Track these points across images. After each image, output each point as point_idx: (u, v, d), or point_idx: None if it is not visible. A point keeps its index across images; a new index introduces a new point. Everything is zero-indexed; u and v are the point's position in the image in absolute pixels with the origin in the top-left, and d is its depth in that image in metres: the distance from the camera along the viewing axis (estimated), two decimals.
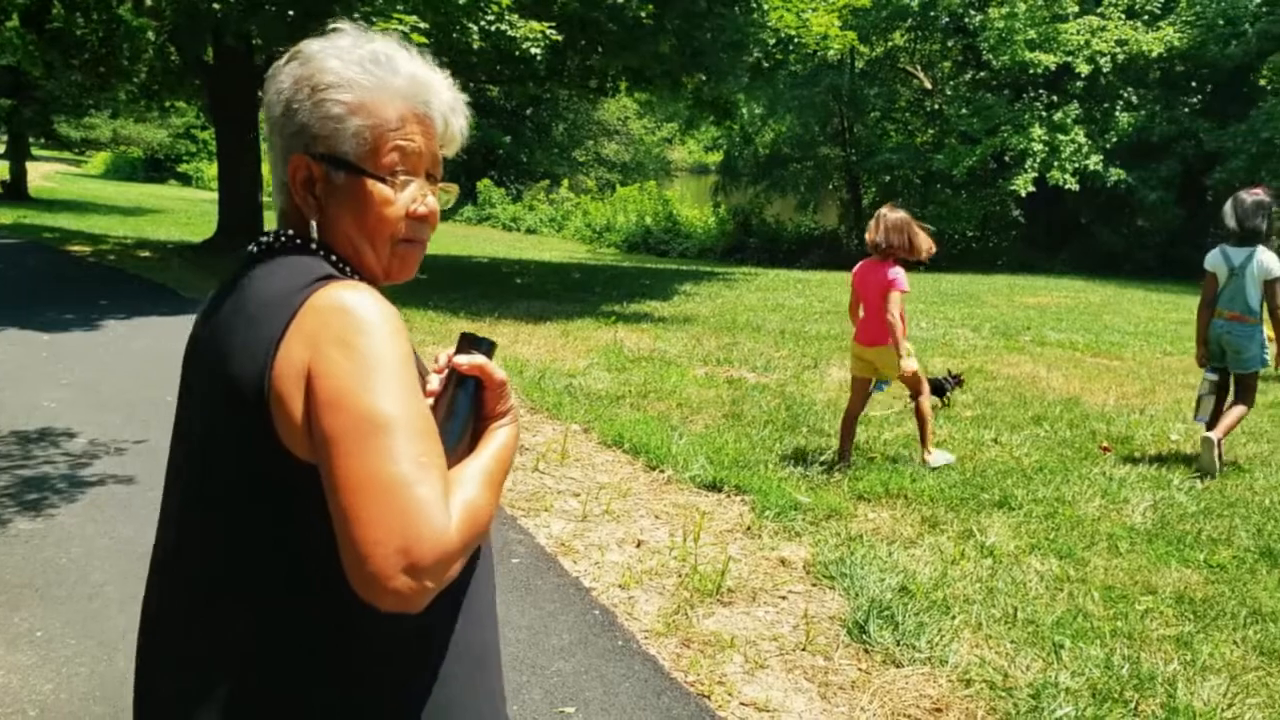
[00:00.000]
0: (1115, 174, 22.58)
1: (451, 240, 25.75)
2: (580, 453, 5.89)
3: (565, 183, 36.51)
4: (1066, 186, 22.37)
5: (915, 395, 5.80)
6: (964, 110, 24.91)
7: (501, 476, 1.30)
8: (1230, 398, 5.99)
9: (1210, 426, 5.91)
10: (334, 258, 1.31)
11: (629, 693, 3.28)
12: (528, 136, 38.61)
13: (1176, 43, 22.73)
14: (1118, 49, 22.54)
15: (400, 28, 9.35)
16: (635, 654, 3.54)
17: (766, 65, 13.85)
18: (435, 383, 1.36)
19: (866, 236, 5.59)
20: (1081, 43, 22.40)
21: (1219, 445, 5.77)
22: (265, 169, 15.98)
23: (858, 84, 27.40)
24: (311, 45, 1.31)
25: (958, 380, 7.54)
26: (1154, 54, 22.59)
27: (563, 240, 31.16)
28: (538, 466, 5.57)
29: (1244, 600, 4.05)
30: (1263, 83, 22.93)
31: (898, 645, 3.54)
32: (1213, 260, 5.88)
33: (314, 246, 1.31)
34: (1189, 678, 3.37)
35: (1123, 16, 23.31)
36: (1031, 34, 22.31)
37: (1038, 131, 22.40)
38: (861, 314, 5.79)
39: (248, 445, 1.21)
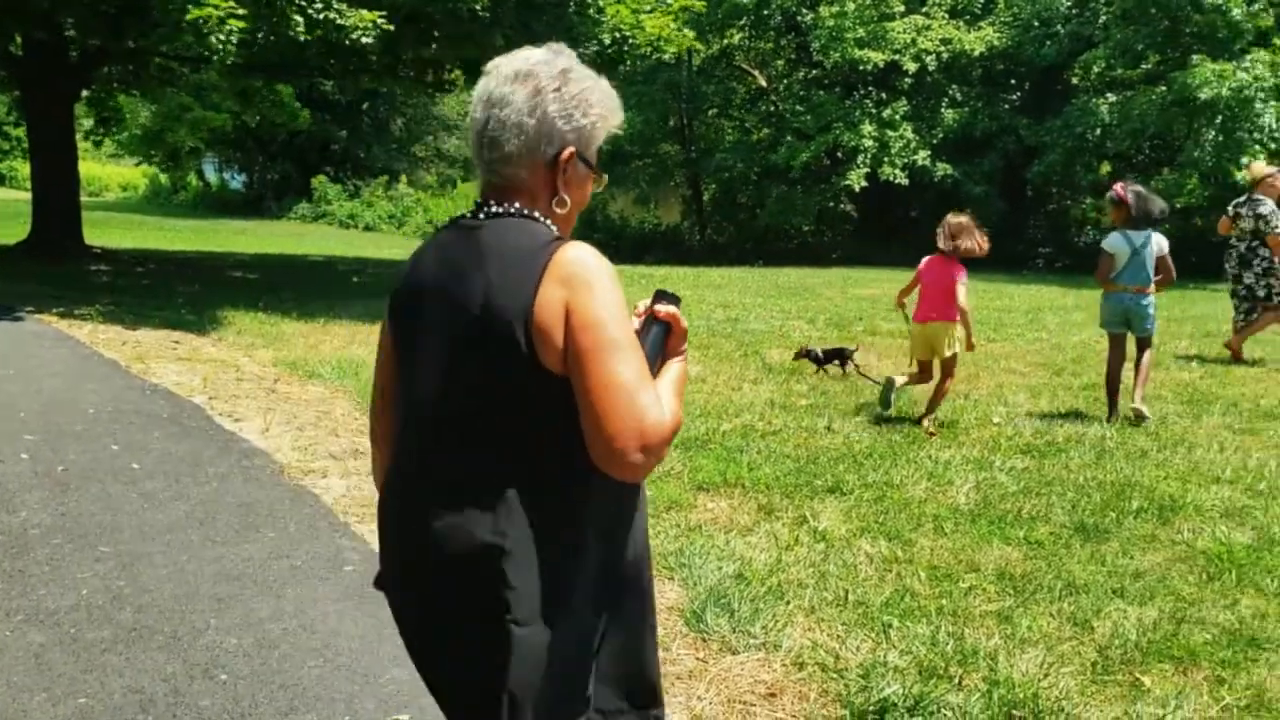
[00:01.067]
0: (942, 168, 23.51)
1: (285, 239, 25.02)
2: None
3: (404, 178, 35.84)
4: (896, 181, 23.16)
5: (946, 376, 6.86)
6: (798, 107, 25.54)
7: (682, 393, 1.78)
8: (1139, 358, 7.05)
9: (1114, 394, 7.09)
10: (548, 222, 1.78)
11: None
12: (365, 131, 37.78)
13: (996, 42, 23.82)
14: (942, 48, 23.47)
15: (217, 13, 8.99)
16: None
17: (600, 62, 13.86)
18: (636, 323, 1.78)
19: (940, 243, 6.63)
20: (908, 41, 23.23)
21: (1143, 405, 6.92)
22: (86, 167, 15.19)
23: (695, 81, 27.77)
24: (562, 62, 1.80)
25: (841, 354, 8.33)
26: (976, 53, 23.61)
27: (403, 237, 30.61)
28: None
29: (1059, 574, 4.25)
30: (1075, 80, 24.23)
31: (734, 633, 3.59)
32: (1115, 243, 6.92)
33: (536, 215, 1.77)
34: (1009, 650, 3.51)
35: (946, 16, 24.29)
36: (861, 32, 23.02)
37: (868, 128, 23.13)
38: (918, 300, 6.88)
39: (519, 357, 1.63)
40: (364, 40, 10.25)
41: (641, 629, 1.89)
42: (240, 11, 9.33)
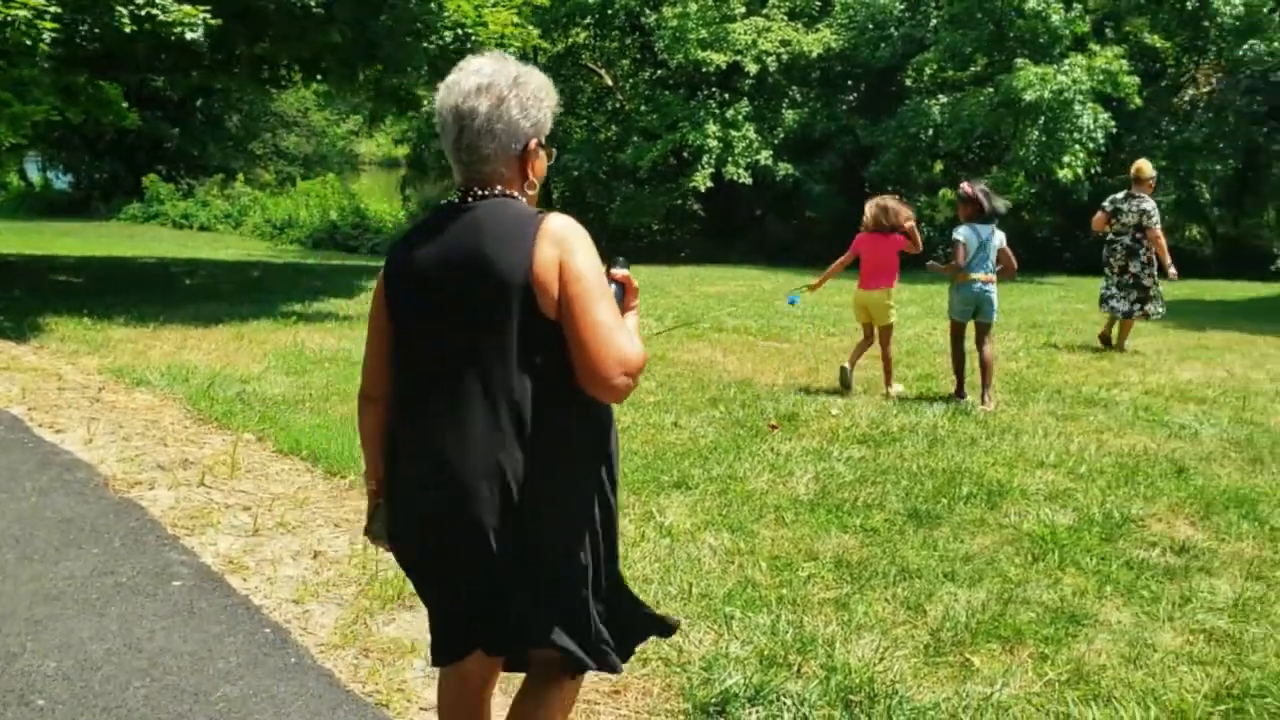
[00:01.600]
0: (784, 168, 24.00)
1: (114, 240, 23.88)
2: (253, 463, 5.58)
3: (241, 177, 34.63)
4: (741, 181, 23.55)
5: (886, 343, 7.94)
6: (644, 107, 25.71)
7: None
8: (981, 349, 7.53)
9: (961, 371, 7.71)
10: (523, 200, 2.19)
11: (301, 710, 3.13)
12: (199, 129, 36.32)
13: (833, 44, 24.43)
14: (782, 49, 23.95)
15: (23, 12, 8.49)
16: (310, 670, 3.38)
17: (442, 61, 13.63)
18: None
19: (883, 221, 7.74)
20: (749, 42, 23.62)
21: (993, 393, 7.52)
22: None
23: None
24: (511, 69, 2.19)
25: None
26: (814, 54, 24.17)
27: (240, 238, 29.56)
28: (204, 481, 5.22)
29: (894, 559, 4.38)
30: (908, 82, 25.07)
31: None
32: (965, 235, 7.47)
33: (515, 195, 2.19)
34: (846, 637, 3.60)
35: (785, 18, 24.81)
36: (703, 33, 23.29)
37: (713, 128, 23.43)
38: (860, 273, 7.97)
39: (523, 308, 2.03)
40: (190, 35, 9.83)
41: (614, 536, 2.31)
42: (52, 10, 8.83)
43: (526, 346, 2.06)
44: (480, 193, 2.16)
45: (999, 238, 7.51)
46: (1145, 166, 10.46)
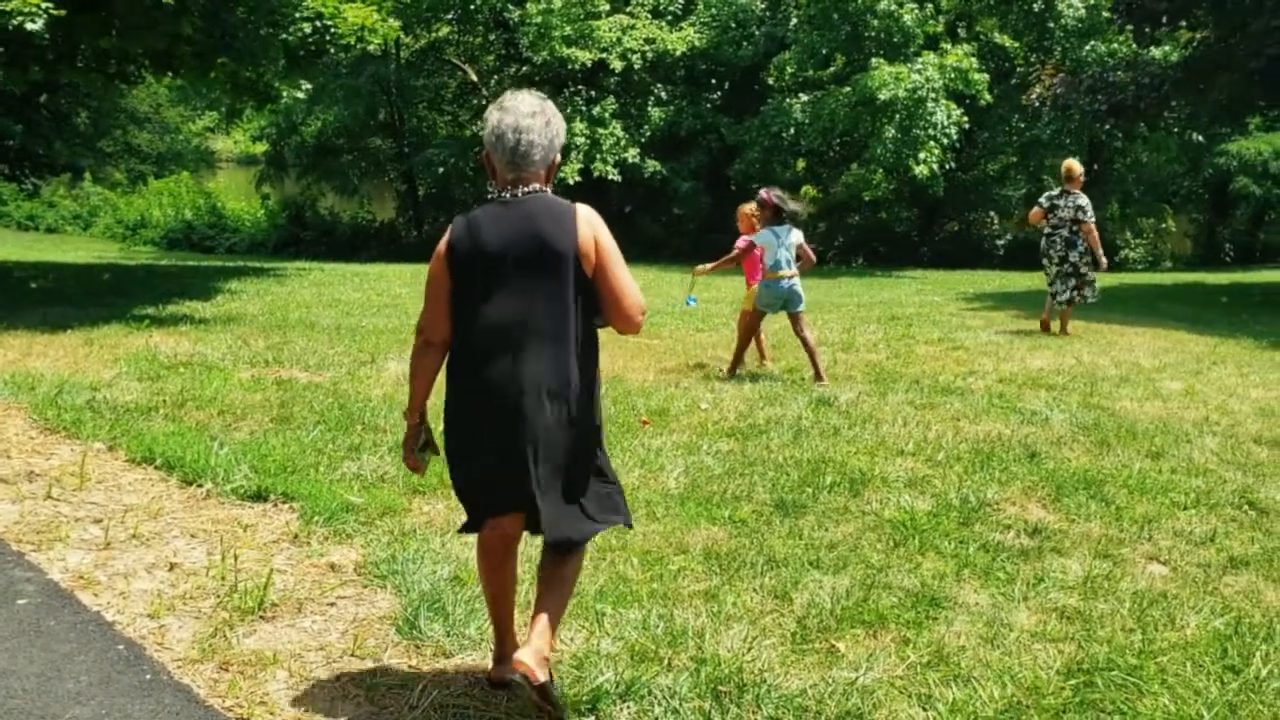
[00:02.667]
0: (651, 165, 24.18)
1: None
2: (104, 474, 5.34)
3: (89, 176, 33.17)
4: (609, 178, 23.62)
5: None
6: None
7: None
8: (802, 333, 8.34)
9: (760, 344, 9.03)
10: (550, 193, 3.07)
11: None
12: (44, 126, 34.57)
13: (697, 43, 24.70)
14: (646, 47, 24.10)
15: None
16: (166, 686, 3.26)
17: (302, 53, 13.27)
18: None
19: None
20: (614, 40, 23.71)
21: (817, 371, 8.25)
22: None
23: (404, 75, 27.22)
24: (550, 105, 3.07)
25: None
26: (678, 52, 24.39)
27: (90, 239, 28.39)
28: (50, 494, 4.98)
29: (761, 550, 4.46)
30: (770, 81, 25.49)
31: (448, 636, 3.54)
32: (765, 238, 8.20)
33: (548, 192, 3.06)
34: (715, 628, 3.65)
35: (649, 16, 24.96)
36: (568, 30, 23.28)
37: (580, 125, 23.44)
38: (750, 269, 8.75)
39: (573, 272, 2.95)
40: (30, 26, 9.35)
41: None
42: None
43: (574, 294, 2.99)
44: (525, 189, 3.03)
45: (795, 236, 8.23)
46: (1075, 166, 11.33)
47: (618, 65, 23.59)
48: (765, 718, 3.10)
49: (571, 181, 23.40)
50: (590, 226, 3.00)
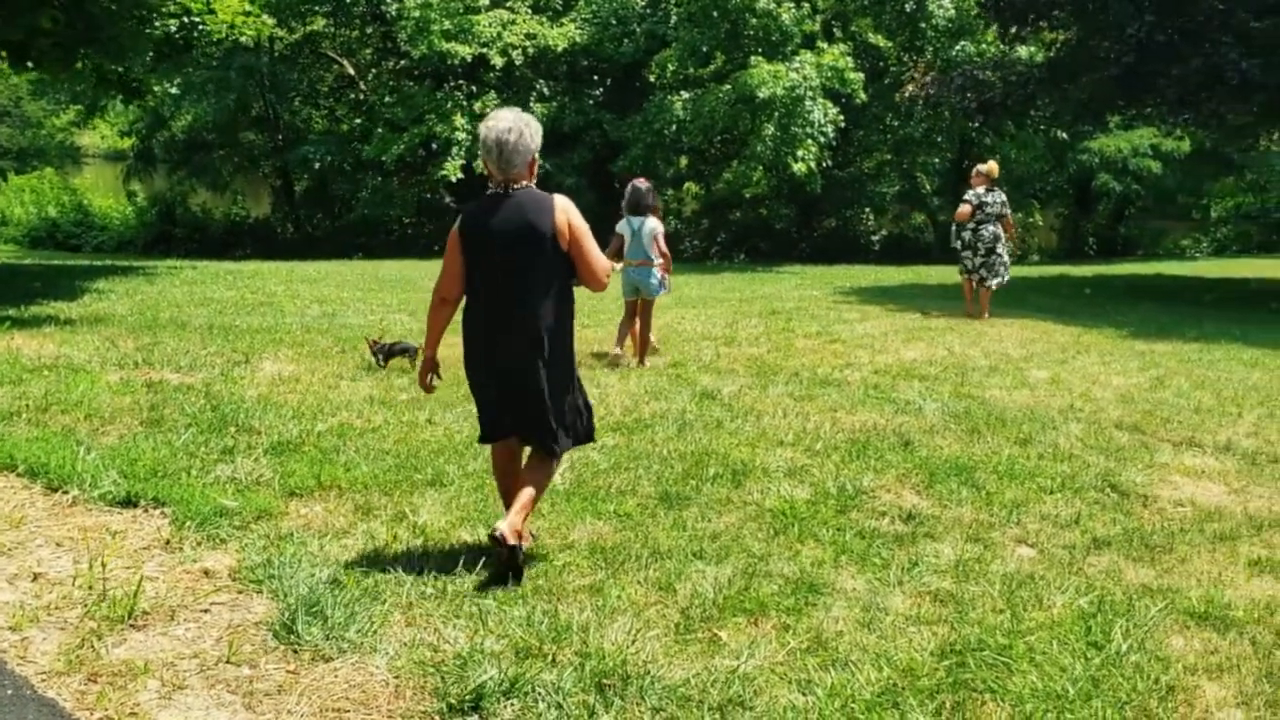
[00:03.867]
0: None
1: None
2: None
3: None
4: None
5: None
6: (389, 98, 25.16)
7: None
8: (639, 320, 8.93)
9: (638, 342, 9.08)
10: (533, 186, 4.15)
11: None
12: None
13: (579, 39, 24.65)
14: (528, 42, 23.96)
15: None
16: (30, 701, 3.13)
17: (168, 49, 12.87)
18: None
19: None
20: (494, 35, 23.52)
21: (642, 348, 8.89)
22: None
23: (278, 68, 26.55)
24: (524, 116, 4.13)
25: (406, 351, 8.38)
26: (560, 48, 24.31)
27: None
28: None
29: (646, 542, 4.49)
30: (652, 78, 25.62)
31: (327, 640, 3.47)
32: (621, 227, 8.75)
33: (532, 187, 4.14)
34: (600, 622, 3.66)
35: (530, 11, 24.83)
36: (447, 24, 23.01)
37: (460, 120, 23.20)
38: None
39: (551, 248, 4.03)
40: None
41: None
42: None
43: (554, 264, 4.08)
44: (516, 186, 4.10)
45: (649, 227, 8.66)
46: (995, 166, 12.78)
47: (499, 61, 23.41)
48: (649, 709, 3.12)
49: (454, 179, 23.15)
50: (565, 213, 4.08)
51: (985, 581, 4.22)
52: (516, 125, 4.02)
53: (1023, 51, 21.56)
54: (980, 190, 12.47)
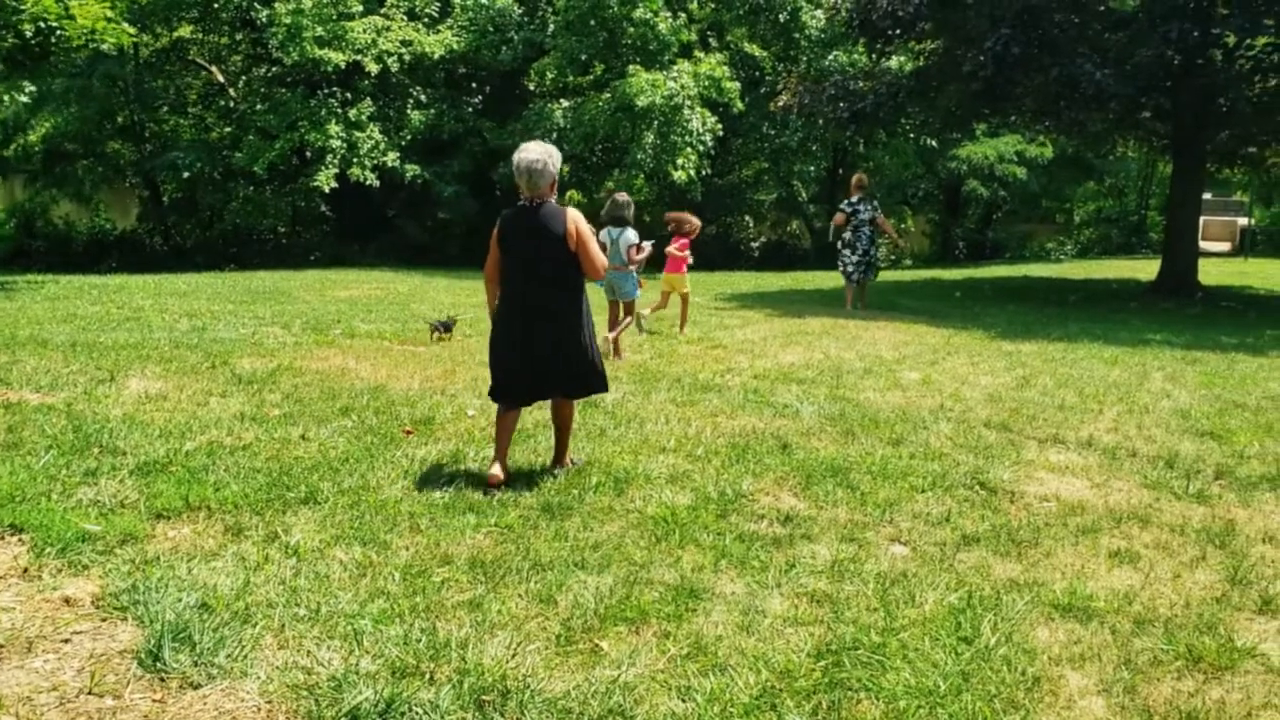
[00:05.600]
0: (411, 169, 23.76)
1: None
2: None
3: None
4: (368, 182, 23.06)
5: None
6: (260, 106, 24.57)
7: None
8: (621, 316, 10.04)
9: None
10: (554, 202, 5.54)
11: None
12: None
13: (456, 46, 24.44)
14: (403, 49, 23.66)
15: None
16: None
17: (22, 57, 12.32)
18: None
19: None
20: (369, 41, 23.17)
21: (615, 341, 9.67)
22: None
23: (143, 76, 25.67)
24: (549, 147, 5.57)
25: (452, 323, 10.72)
26: (436, 55, 24.07)
27: None
28: None
29: (527, 555, 4.46)
30: (531, 85, 25.56)
31: (195, 666, 3.36)
32: (603, 236, 9.47)
33: (552, 201, 5.53)
34: (479, 637, 3.62)
35: (405, 18, 24.52)
36: (319, 31, 22.58)
37: (335, 128, 22.79)
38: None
39: (563, 247, 5.44)
40: None
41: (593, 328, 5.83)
42: None
43: (566, 259, 5.42)
44: (539, 201, 5.43)
45: (626, 236, 9.59)
46: (865, 177, 14.71)
47: (373, 67, 23.06)
48: None
49: (326, 188, 22.69)
50: (574, 223, 5.43)
51: (860, 581, 4.31)
52: (542, 157, 5.39)
53: (893, 62, 22.15)
54: (855, 199, 14.18)
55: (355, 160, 22.76)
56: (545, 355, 5.53)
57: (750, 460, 6.03)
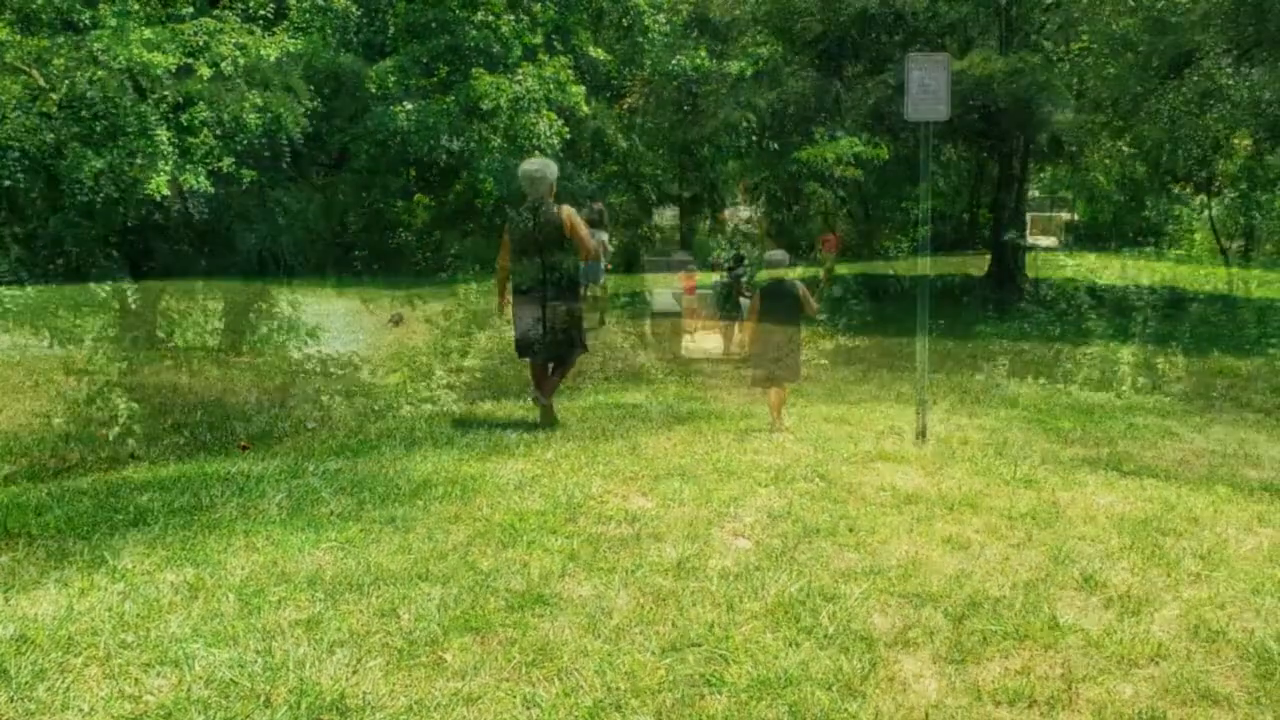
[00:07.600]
0: (249, 174, 22.98)
1: None
2: None
3: None
4: (202, 188, 22.22)
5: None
6: (85, 112, 23.42)
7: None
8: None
9: None
10: (552, 201, 7.48)
11: None
12: None
13: (292, 48, 23.75)
14: (237, 52, 22.87)
15: None
16: None
17: None
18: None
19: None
20: (201, 44, 22.32)
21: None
22: None
23: None
24: (547, 161, 7.72)
25: None
26: (273, 58, 23.34)
27: None
28: None
29: (369, 569, 4.36)
30: (373, 89, 25.04)
31: (11, 702, 3.18)
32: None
33: (551, 202, 7.38)
34: (318, 656, 3.52)
35: (240, 20, 23.71)
36: (148, 34, 21.65)
37: (165, 133, 21.88)
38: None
39: (560, 235, 7.29)
40: None
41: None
42: None
43: (561, 246, 7.23)
44: (541, 202, 7.24)
45: (599, 238, 10.39)
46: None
47: (206, 71, 22.21)
48: None
49: (159, 196, 21.75)
50: (569, 216, 7.14)
51: (704, 577, 4.36)
52: (541, 168, 7.27)
53: (733, 66, 22.55)
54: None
55: (188, 166, 21.89)
56: (547, 321, 7.21)
57: (601, 462, 6.05)
